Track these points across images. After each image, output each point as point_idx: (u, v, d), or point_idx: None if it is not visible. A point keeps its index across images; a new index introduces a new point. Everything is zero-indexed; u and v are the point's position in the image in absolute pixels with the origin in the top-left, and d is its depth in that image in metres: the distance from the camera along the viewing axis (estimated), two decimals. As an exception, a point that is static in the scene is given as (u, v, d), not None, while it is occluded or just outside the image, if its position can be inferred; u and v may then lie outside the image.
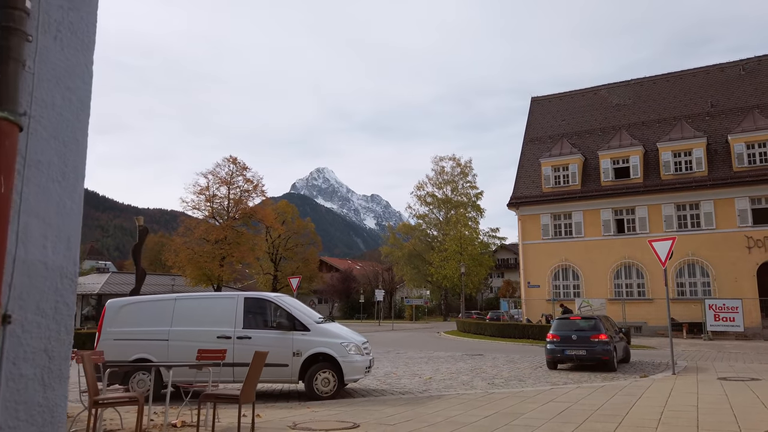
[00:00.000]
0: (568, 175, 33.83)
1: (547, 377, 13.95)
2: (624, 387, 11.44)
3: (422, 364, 17.61)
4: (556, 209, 33.52)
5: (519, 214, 34.60)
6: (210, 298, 11.17)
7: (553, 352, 15.60)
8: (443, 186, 65.40)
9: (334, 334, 10.56)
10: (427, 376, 13.94)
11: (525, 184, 35.42)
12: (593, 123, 36.16)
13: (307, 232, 63.87)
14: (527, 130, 38.24)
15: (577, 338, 15.39)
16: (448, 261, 51.54)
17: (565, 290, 33.08)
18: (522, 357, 19.95)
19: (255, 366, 6.21)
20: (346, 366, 10.27)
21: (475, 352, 22.14)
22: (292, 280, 26.27)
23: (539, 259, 33.37)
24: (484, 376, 14.23)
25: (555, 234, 33.49)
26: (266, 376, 10.47)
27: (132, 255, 28.96)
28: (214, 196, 54.92)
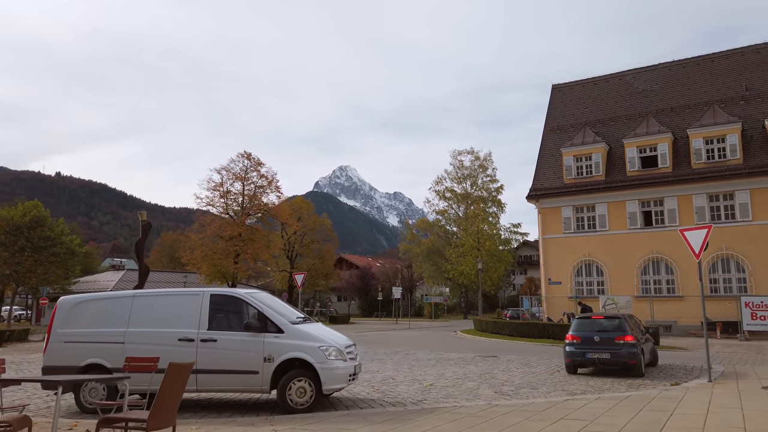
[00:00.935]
0: (591, 165, 31.91)
1: (564, 384, 12.35)
2: (652, 398, 9.82)
3: (428, 367, 16.13)
4: (579, 201, 31.64)
5: (539, 206, 32.80)
6: (172, 295, 9.85)
7: (573, 355, 13.98)
8: (462, 181, 63.63)
9: (312, 336, 9.15)
10: (428, 383, 12.46)
11: (545, 175, 33.60)
12: (618, 110, 34.15)
13: (323, 229, 62.70)
14: (548, 118, 36.37)
15: (599, 340, 13.75)
16: (464, 257, 49.72)
17: (588, 287, 31.20)
18: (539, 359, 18.33)
19: (170, 381, 4.83)
20: (325, 373, 8.85)
21: (490, 354, 20.59)
22: (297, 277, 24.99)
23: (561, 254, 31.56)
24: (492, 382, 12.69)
25: (577, 228, 31.62)
26: (234, 385, 9.15)
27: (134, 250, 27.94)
28: (228, 193, 54.09)
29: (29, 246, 43.74)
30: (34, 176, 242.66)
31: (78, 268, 51.17)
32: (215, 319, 9.35)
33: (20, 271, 43.37)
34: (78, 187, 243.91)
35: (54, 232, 46.12)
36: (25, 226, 44.65)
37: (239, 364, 8.98)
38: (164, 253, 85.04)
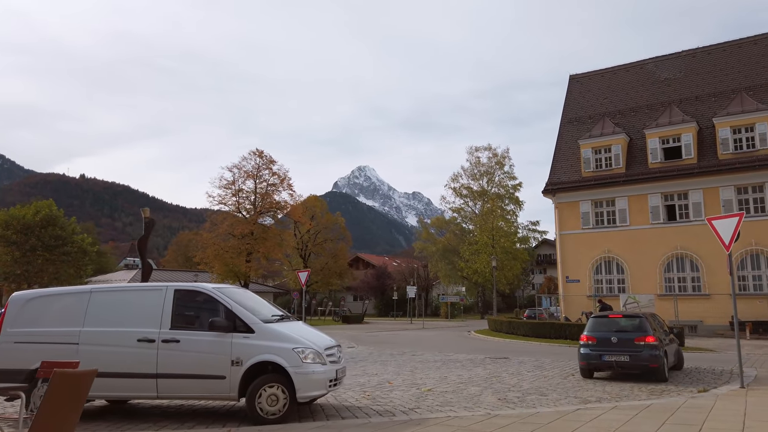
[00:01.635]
0: (611, 158, 30.43)
1: (578, 390, 11.14)
2: (677, 408, 8.60)
3: (432, 369, 15.01)
4: (598, 195, 30.19)
5: (555, 201, 31.40)
6: (133, 291, 8.89)
7: (588, 357, 12.73)
8: (479, 178, 62.21)
9: (286, 336, 8.10)
10: (426, 388, 11.34)
11: (562, 169, 32.19)
12: (639, 100, 32.60)
13: (336, 227, 61.79)
14: (565, 110, 34.92)
15: (617, 341, 12.49)
16: (478, 254, 48.25)
17: (608, 285, 29.74)
18: (554, 361, 17.09)
19: (54, 393, 3.83)
20: (300, 379, 7.80)
21: (501, 355, 19.39)
22: (301, 274, 24.05)
23: (579, 250, 30.15)
24: (498, 387, 11.54)
25: (596, 223, 30.17)
26: (198, 392, 8.15)
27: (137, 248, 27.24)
28: (240, 191, 53.47)
29: (40, 245, 43.51)
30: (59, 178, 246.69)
31: (90, 267, 50.93)
32: (180, 318, 8.36)
33: (31, 270, 43.18)
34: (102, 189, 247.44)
35: (65, 231, 45.87)
36: (37, 225, 44.45)
37: (204, 368, 7.98)
38: (180, 252, 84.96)
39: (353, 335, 32.14)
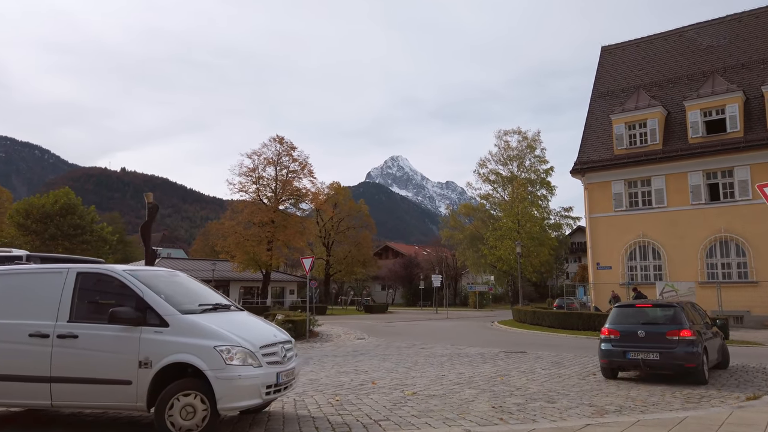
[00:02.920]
0: (646, 133, 27.82)
1: (595, 395, 9.19)
2: (720, 424, 6.61)
3: (434, 366, 13.21)
4: (632, 174, 27.66)
5: (585, 182, 28.98)
6: (29, 274, 7.31)
7: (610, 354, 10.73)
8: (508, 162, 59.60)
9: (209, 331, 6.40)
10: (410, 391, 9.55)
11: (593, 147, 29.69)
12: (678, 70, 29.80)
13: (360, 215, 60.15)
14: (596, 84, 32.31)
15: (645, 335, 10.45)
16: (502, 240, 45.77)
17: (643, 272, 27.28)
18: (576, 357, 15.07)
19: None
20: (222, 385, 6.11)
21: (519, 349, 17.46)
22: (305, 261, 22.42)
23: (611, 235, 27.73)
24: (499, 390, 9.67)
25: (630, 204, 27.67)
26: (99, 400, 6.53)
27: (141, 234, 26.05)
28: (261, 178, 52.34)
29: (60, 234, 43.23)
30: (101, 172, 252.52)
31: (112, 257, 50.66)
32: (82, 308, 6.75)
33: (50, 259, 42.97)
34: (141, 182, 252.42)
35: (84, 220, 45.54)
36: (56, 214, 44.19)
37: (106, 371, 6.36)
38: (207, 242, 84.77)
39: (369, 326, 30.53)
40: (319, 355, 15.92)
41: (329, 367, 13.21)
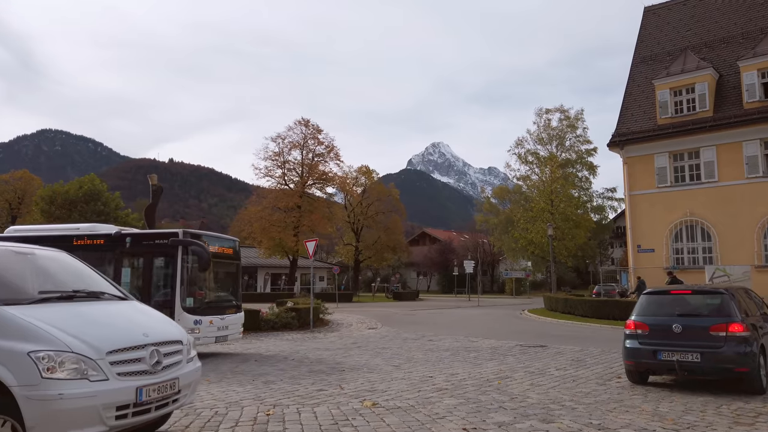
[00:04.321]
0: (694, 99, 24.71)
1: (612, 409, 6.98)
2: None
3: (429, 363, 11.20)
4: (677, 146, 24.64)
5: (624, 155, 26.09)
6: None
7: (636, 354, 8.45)
8: (548, 142, 56.28)
9: (26, 330, 4.54)
10: (370, 402, 7.54)
11: (633, 117, 26.71)
12: (731, 28, 26.43)
13: (389, 199, 58.09)
14: (638, 48, 29.14)
15: (683, 330, 8.12)
16: (534, 222, 42.76)
17: (690, 255, 24.33)
18: (603, 353, 12.76)
19: None
20: (33, 409, 4.25)
21: (540, 342, 15.26)
22: (309, 244, 20.63)
23: (653, 214, 24.85)
24: (488, 400, 7.57)
25: (675, 180, 24.69)
26: None
27: (144, 216, 24.82)
28: (286, 162, 50.93)
29: (83, 221, 42.84)
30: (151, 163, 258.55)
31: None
32: None
33: (74, 246, 42.74)
34: (188, 172, 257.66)
35: (108, 206, 45.09)
36: (80, 200, 43.86)
37: None
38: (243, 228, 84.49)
39: (389, 314, 28.64)
40: (305, 350, 14.09)
41: (306, 364, 11.36)
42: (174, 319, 11.14)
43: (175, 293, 11.70)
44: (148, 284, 12.10)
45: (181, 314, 11.54)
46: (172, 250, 11.86)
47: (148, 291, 11.98)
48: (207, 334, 12.01)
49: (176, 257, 11.81)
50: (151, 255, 12.29)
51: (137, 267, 12.42)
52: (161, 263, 12.28)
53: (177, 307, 11.62)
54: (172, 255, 11.89)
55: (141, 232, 13.31)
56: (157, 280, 12.24)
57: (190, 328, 11.43)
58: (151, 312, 5.87)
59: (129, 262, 12.44)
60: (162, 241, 12.06)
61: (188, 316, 11.67)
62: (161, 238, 12.12)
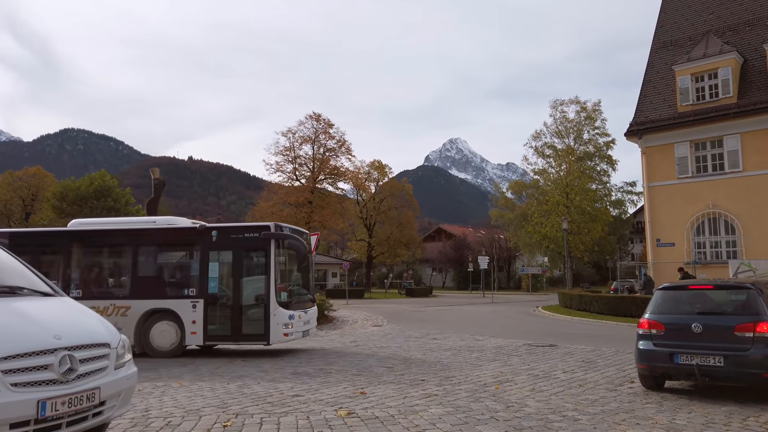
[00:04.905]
0: (717, 85, 23.43)
1: (618, 422, 6.07)
2: None
3: (424, 365, 10.35)
4: (699, 134, 23.40)
5: (643, 145, 24.88)
6: None
7: (650, 357, 7.51)
8: (565, 135, 54.84)
9: None
10: (344, 411, 6.71)
11: (652, 104, 25.48)
12: (756, 10, 25.04)
13: (402, 194, 57.21)
14: (657, 33, 27.84)
15: (703, 330, 7.15)
16: (548, 216, 41.46)
17: (713, 249, 23.10)
18: (617, 353, 11.80)
19: None
20: None
21: (550, 340, 14.33)
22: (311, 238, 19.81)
23: (673, 206, 23.65)
24: (480, 409, 6.72)
25: (697, 170, 23.46)
26: None
27: (146, 210, 24.30)
28: (297, 157, 50.34)
29: (93, 216, 42.65)
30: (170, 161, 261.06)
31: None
32: None
33: (84, 242, 42.60)
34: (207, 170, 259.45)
35: (119, 202, 44.86)
36: (91, 197, 43.68)
37: None
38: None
39: (398, 311, 27.83)
40: (298, 349, 13.33)
41: (294, 365, 10.59)
42: (270, 315, 11.37)
43: (269, 288, 11.47)
44: (238, 279, 11.82)
45: (277, 309, 11.44)
46: (263, 243, 11.62)
47: (239, 286, 11.76)
48: (298, 329, 11.94)
49: (269, 251, 11.55)
50: (240, 249, 11.91)
51: (225, 262, 12.06)
52: (251, 257, 12.01)
53: (272, 302, 11.45)
54: (263, 249, 11.63)
55: (229, 226, 13.11)
56: (248, 274, 11.97)
57: (285, 323, 11.48)
58: (77, 311, 5.10)
59: (216, 256, 12.04)
60: (252, 234, 11.83)
61: (283, 311, 11.54)
62: (251, 232, 11.91)
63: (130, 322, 11.63)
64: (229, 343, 12.13)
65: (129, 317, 11.69)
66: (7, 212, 50.99)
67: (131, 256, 12.36)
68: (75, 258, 12.59)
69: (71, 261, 12.51)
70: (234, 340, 11.76)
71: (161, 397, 7.53)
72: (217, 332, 11.67)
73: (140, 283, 12.15)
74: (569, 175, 43.56)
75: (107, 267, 13.01)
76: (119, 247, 12.61)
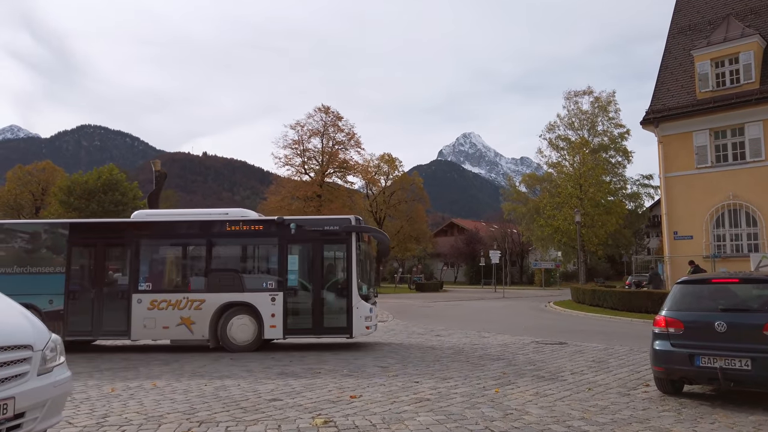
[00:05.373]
0: (738, 70, 22.33)
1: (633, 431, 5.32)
2: None
3: (422, 365, 9.66)
4: (719, 122, 22.33)
5: (660, 134, 23.85)
6: None
7: (668, 359, 6.72)
8: (579, 128, 53.60)
9: None
10: (321, 419, 6.02)
11: (670, 92, 24.44)
12: (781, -9, 23.88)
13: (413, 188, 56.40)
14: (675, 18, 26.72)
15: (727, 329, 6.35)
16: (560, 208, 40.38)
17: (733, 242, 22.06)
18: (631, 352, 10.99)
19: None
20: None
21: (560, 338, 13.58)
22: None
23: (692, 197, 22.64)
24: (474, 417, 6.00)
25: (717, 159, 22.41)
26: None
27: (148, 203, 23.85)
28: (306, 150, 49.73)
29: (101, 210, 42.44)
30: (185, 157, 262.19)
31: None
32: None
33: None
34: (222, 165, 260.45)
35: (126, 196, 44.60)
36: (98, 191, 43.44)
37: None
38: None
39: (405, 306, 27.16)
40: (293, 346, 12.68)
41: (284, 363, 9.95)
42: (352, 307, 11.50)
43: (351, 281, 11.56)
44: (318, 272, 11.82)
45: (359, 302, 11.55)
46: (344, 236, 11.72)
47: (320, 279, 11.77)
48: (374, 322, 12.13)
49: (350, 244, 11.65)
50: (319, 242, 11.89)
51: (304, 254, 12.05)
52: (331, 250, 12.07)
53: (354, 294, 11.53)
54: (344, 241, 11.73)
55: (307, 218, 13.05)
56: (328, 267, 12.02)
57: (366, 315, 11.61)
58: (1, 306, 4.45)
59: (294, 249, 12.00)
60: (332, 227, 11.90)
61: (365, 304, 11.67)
62: (331, 224, 11.98)
63: (205, 315, 11.53)
64: (309, 336, 12.07)
65: (204, 311, 11.56)
66: (17, 206, 51.02)
67: (206, 248, 12.14)
68: (144, 250, 12.21)
69: (139, 253, 12.10)
70: (315, 333, 11.70)
71: (128, 400, 6.90)
72: (298, 325, 11.64)
73: (215, 275, 11.94)
74: (583, 166, 42.45)
75: (179, 259, 12.62)
76: (193, 239, 12.36)
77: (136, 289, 11.69)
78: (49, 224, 12.88)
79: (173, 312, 11.51)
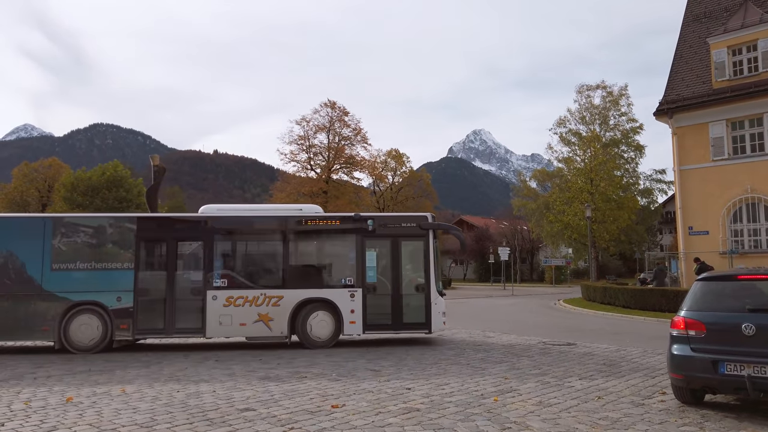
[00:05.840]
0: (757, 58, 21.35)
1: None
2: None
3: (418, 367, 8.95)
4: (736, 112, 21.37)
5: (674, 125, 22.92)
6: None
7: (689, 365, 5.96)
8: (590, 122, 52.52)
9: None
10: None
11: (684, 82, 23.49)
12: (802, -25, 22.84)
13: (420, 184, 55.65)
14: (689, 4, 25.75)
15: (756, 332, 5.59)
16: (570, 203, 39.39)
17: (751, 237, 21.11)
18: (645, 354, 10.22)
19: None
20: None
21: (569, 338, 12.84)
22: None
23: (708, 191, 21.71)
24: (469, 429, 5.29)
25: (734, 151, 21.45)
26: None
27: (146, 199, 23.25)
28: (312, 146, 49.12)
29: (105, 207, 42.12)
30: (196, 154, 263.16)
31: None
32: None
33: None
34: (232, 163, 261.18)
35: (131, 193, 44.23)
36: (102, 187, 43.12)
37: None
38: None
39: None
40: (285, 347, 12.02)
41: (270, 366, 9.29)
42: (431, 303, 11.72)
43: (430, 277, 11.77)
44: (396, 268, 11.91)
45: (437, 298, 11.76)
46: (422, 233, 11.89)
47: (398, 275, 11.88)
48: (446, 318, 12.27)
49: (428, 241, 11.86)
50: (397, 238, 11.99)
51: (382, 251, 12.09)
52: (409, 246, 12.10)
53: (433, 291, 11.74)
54: (421, 238, 11.89)
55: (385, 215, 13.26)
56: (405, 263, 12.09)
57: (443, 311, 11.84)
58: None
59: (372, 245, 12.03)
60: (409, 224, 12.08)
61: (441, 299, 11.88)
62: (408, 221, 12.18)
63: (283, 312, 11.43)
64: (389, 332, 12.08)
65: (281, 307, 11.44)
66: (23, 203, 50.87)
67: (283, 243, 11.89)
68: (218, 246, 11.83)
69: (213, 248, 11.71)
70: (395, 329, 11.81)
71: (87, 410, 6.26)
72: (377, 321, 11.70)
73: (293, 272, 11.83)
74: (594, 160, 41.49)
75: (256, 255, 12.41)
76: (269, 234, 12.18)
77: (211, 286, 11.39)
78: (115, 218, 12.64)
79: (250, 309, 11.33)
